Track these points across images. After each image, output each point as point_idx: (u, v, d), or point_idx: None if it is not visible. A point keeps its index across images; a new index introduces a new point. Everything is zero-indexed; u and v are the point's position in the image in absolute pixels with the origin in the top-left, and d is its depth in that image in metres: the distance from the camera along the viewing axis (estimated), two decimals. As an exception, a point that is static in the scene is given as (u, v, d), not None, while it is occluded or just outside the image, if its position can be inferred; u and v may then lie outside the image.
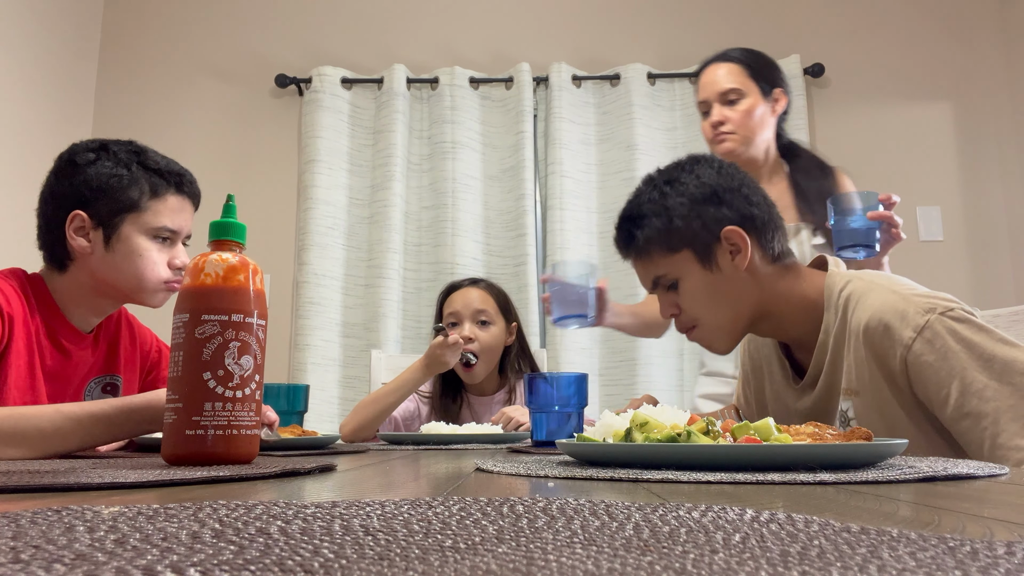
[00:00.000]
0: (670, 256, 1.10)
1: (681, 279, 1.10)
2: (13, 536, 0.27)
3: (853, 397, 1.03)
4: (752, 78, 1.66)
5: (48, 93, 2.71)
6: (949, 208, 2.86)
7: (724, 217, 1.08)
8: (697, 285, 1.09)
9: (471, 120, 2.88)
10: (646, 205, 1.12)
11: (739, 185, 1.11)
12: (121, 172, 1.20)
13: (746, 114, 1.64)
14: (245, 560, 0.23)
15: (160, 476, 0.55)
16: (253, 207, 2.82)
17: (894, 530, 0.28)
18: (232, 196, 0.79)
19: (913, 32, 2.97)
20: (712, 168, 1.12)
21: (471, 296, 1.87)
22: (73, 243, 1.19)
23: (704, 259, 1.09)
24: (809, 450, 0.61)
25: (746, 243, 1.07)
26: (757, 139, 1.66)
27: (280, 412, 1.26)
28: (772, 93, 1.68)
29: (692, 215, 1.08)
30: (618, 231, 1.17)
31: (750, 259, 1.08)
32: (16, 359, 1.12)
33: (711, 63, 1.72)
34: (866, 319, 1.00)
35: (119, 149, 1.23)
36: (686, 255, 1.09)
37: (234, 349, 0.71)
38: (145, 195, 1.21)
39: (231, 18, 3.04)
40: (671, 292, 1.13)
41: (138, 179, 1.21)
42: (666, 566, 0.22)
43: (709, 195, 1.09)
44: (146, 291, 1.23)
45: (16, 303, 1.13)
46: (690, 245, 1.09)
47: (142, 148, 1.26)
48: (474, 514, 0.32)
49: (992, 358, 0.90)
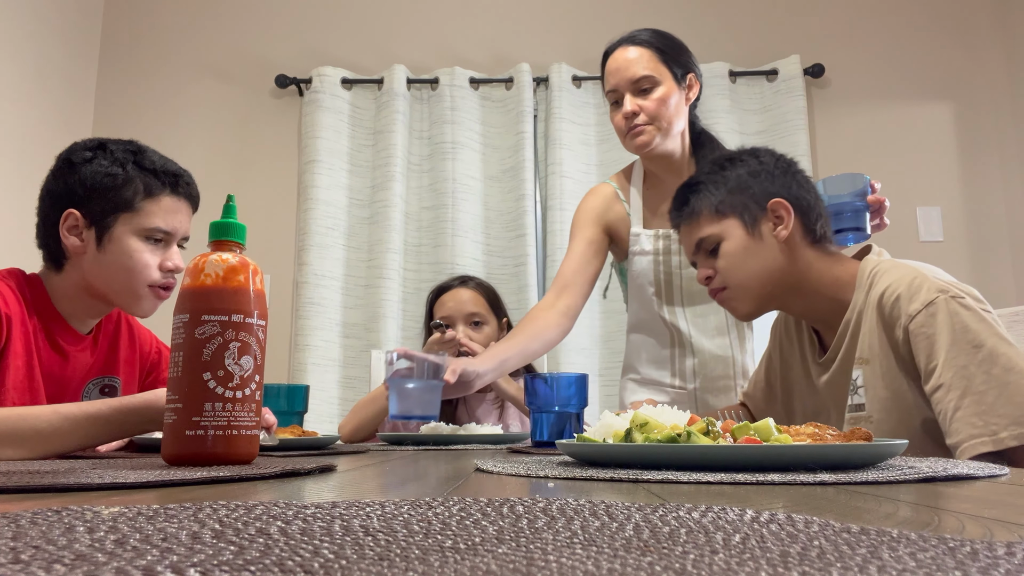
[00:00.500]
0: (717, 220, 1.19)
1: (723, 241, 1.19)
2: (13, 536, 0.27)
3: (864, 366, 1.09)
4: (664, 63, 1.54)
5: (48, 93, 2.71)
6: (949, 208, 2.86)
7: (773, 191, 1.18)
8: (736, 247, 1.18)
9: (471, 120, 2.88)
10: (704, 175, 1.23)
11: (793, 171, 1.22)
12: (116, 171, 1.19)
13: (661, 103, 1.51)
14: (245, 560, 0.23)
15: (160, 476, 0.55)
16: (253, 207, 2.82)
17: (894, 530, 0.28)
18: (232, 196, 0.79)
19: (913, 32, 2.97)
20: (770, 153, 1.24)
21: (462, 297, 1.85)
22: (66, 242, 1.18)
23: (749, 226, 1.18)
24: (809, 450, 0.61)
25: (790, 216, 1.16)
26: (674, 130, 1.55)
27: (280, 412, 1.26)
28: (686, 79, 1.56)
29: (744, 186, 1.19)
30: (674, 199, 1.27)
31: (790, 234, 1.16)
32: (14, 360, 1.12)
33: (618, 46, 1.58)
34: (882, 289, 1.06)
35: (117, 148, 1.22)
36: (732, 221, 1.19)
37: (234, 349, 0.71)
38: (139, 195, 1.19)
39: (231, 18, 3.04)
40: (710, 257, 1.21)
41: (133, 179, 1.19)
42: (666, 566, 0.22)
43: (763, 172, 1.20)
44: (133, 293, 1.21)
45: (14, 303, 1.13)
46: (738, 213, 1.19)
47: (140, 148, 1.24)
48: (474, 514, 0.32)
49: (981, 346, 0.95)
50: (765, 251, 1.17)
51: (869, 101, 2.93)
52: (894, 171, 2.83)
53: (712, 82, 2.85)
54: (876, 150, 2.88)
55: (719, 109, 2.83)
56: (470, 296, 1.86)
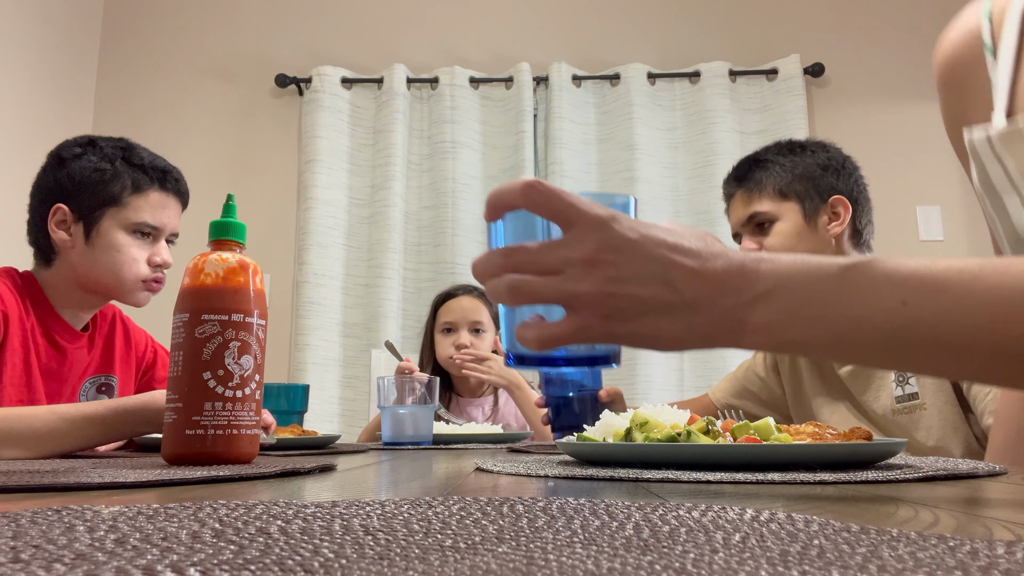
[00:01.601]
0: (779, 200, 1.24)
1: (779, 220, 1.24)
2: (13, 536, 0.27)
3: None
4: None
5: (48, 93, 2.71)
6: (949, 208, 2.86)
7: (837, 188, 1.24)
8: (791, 229, 1.23)
9: (471, 120, 2.88)
10: (774, 154, 1.28)
11: (858, 174, 1.29)
12: (104, 167, 1.20)
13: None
14: (245, 560, 0.23)
15: (160, 476, 0.55)
16: (253, 207, 2.81)
17: (894, 530, 0.28)
18: (232, 196, 0.79)
19: (913, 32, 2.97)
20: (839, 151, 1.31)
21: (466, 305, 1.94)
22: (55, 236, 1.19)
23: (807, 213, 1.23)
24: (809, 450, 0.61)
25: (847, 213, 1.22)
26: None
27: (280, 412, 1.26)
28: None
29: (812, 176, 1.24)
30: (736, 167, 1.31)
31: (842, 230, 1.22)
32: (11, 357, 1.13)
33: None
34: None
35: (106, 144, 1.23)
36: (792, 205, 1.24)
37: (234, 349, 0.71)
38: (127, 190, 1.20)
39: (231, 18, 3.04)
40: (758, 233, 1.26)
41: (121, 174, 1.20)
42: (666, 566, 0.22)
43: (831, 167, 1.26)
44: (124, 288, 1.22)
45: (11, 301, 1.14)
46: (800, 199, 1.24)
47: (130, 145, 1.25)
48: (474, 514, 0.32)
49: None
50: (815, 241, 1.22)
51: (869, 101, 2.93)
52: (894, 170, 2.83)
53: (712, 81, 2.85)
54: (876, 149, 2.88)
55: (719, 109, 2.82)
56: (473, 305, 1.93)
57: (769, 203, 1.24)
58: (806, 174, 1.24)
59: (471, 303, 1.94)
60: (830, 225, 1.23)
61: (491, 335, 1.94)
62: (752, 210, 1.26)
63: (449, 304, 1.96)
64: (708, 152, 2.80)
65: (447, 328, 1.93)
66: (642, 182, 2.78)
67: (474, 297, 1.96)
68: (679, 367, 2.70)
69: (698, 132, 2.84)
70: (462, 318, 1.92)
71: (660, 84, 2.90)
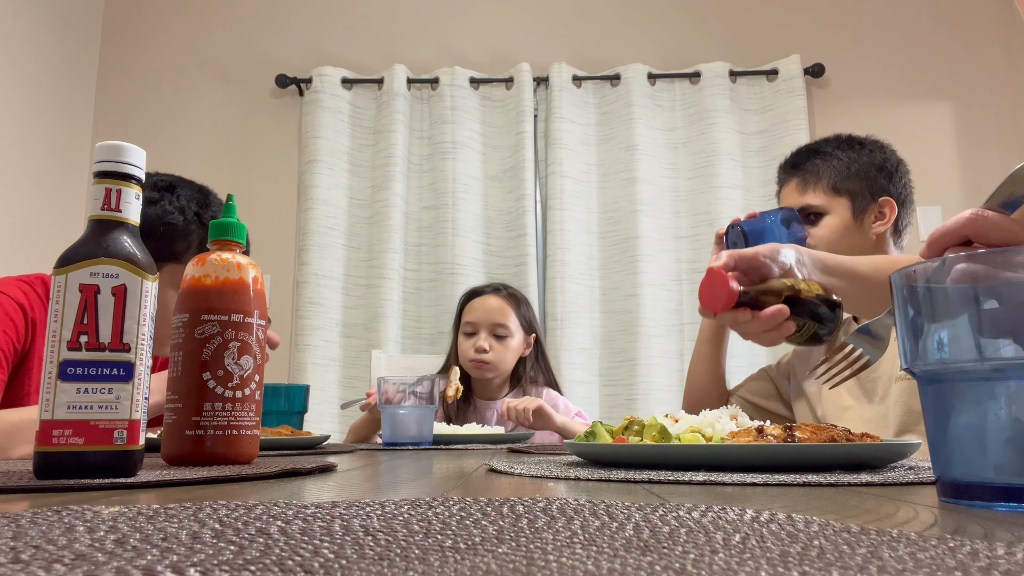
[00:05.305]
0: (831, 195, 1.29)
1: (829, 214, 1.29)
2: (13, 536, 0.27)
3: None
4: None
5: (48, 93, 2.71)
6: (949, 208, 2.85)
7: (888, 189, 1.30)
8: (839, 224, 1.28)
9: (471, 120, 2.88)
10: (833, 147, 1.33)
11: (908, 177, 1.34)
12: (176, 220, 1.16)
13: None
14: (245, 560, 0.23)
15: (160, 476, 0.55)
16: (253, 207, 2.81)
17: (894, 530, 0.28)
18: (232, 196, 0.79)
19: (913, 32, 2.97)
20: (893, 152, 1.35)
21: (491, 306, 1.84)
22: None
23: (856, 211, 1.28)
24: (813, 450, 0.61)
25: (893, 215, 1.28)
26: None
27: (280, 412, 1.26)
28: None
29: (867, 175, 1.29)
30: (795, 154, 1.36)
31: (884, 230, 1.27)
32: (39, 362, 1.13)
33: None
34: None
35: (184, 193, 1.19)
36: (844, 201, 1.28)
37: (234, 349, 0.71)
38: (192, 249, 1.17)
39: (231, 18, 3.04)
40: (807, 223, 1.30)
41: (189, 232, 1.17)
42: (666, 566, 0.22)
43: (886, 169, 1.31)
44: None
45: (39, 308, 1.15)
46: (852, 196, 1.28)
47: (207, 199, 1.20)
48: (474, 514, 0.32)
49: None
50: (860, 237, 1.27)
51: (869, 101, 2.93)
52: (894, 171, 2.83)
53: (712, 82, 2.85)
54: (876, 150, 2.88)
55: (719, 109, 2.83)
56: (499, 306, 1.84)
57: (822, 196, 1.29)
58: (861, 172, 1.29)
59: (497, 303, 1.84)
60: (875, 224, 1.27)
61: (517, 340, 1.84)
62: (805, 202, 1.30)
63: (473, 303, 1.86)
64: (708, 152, 2.80)
65: (469, 329, 1.84)
66: (642, 182, 2.78)
67: (501, 297, 1.86)
68: (679, 367, 2.70)
69: (698, 132, 2.84)
70: (483, 319, 1.82)
71: (660, 84, 2.91)
